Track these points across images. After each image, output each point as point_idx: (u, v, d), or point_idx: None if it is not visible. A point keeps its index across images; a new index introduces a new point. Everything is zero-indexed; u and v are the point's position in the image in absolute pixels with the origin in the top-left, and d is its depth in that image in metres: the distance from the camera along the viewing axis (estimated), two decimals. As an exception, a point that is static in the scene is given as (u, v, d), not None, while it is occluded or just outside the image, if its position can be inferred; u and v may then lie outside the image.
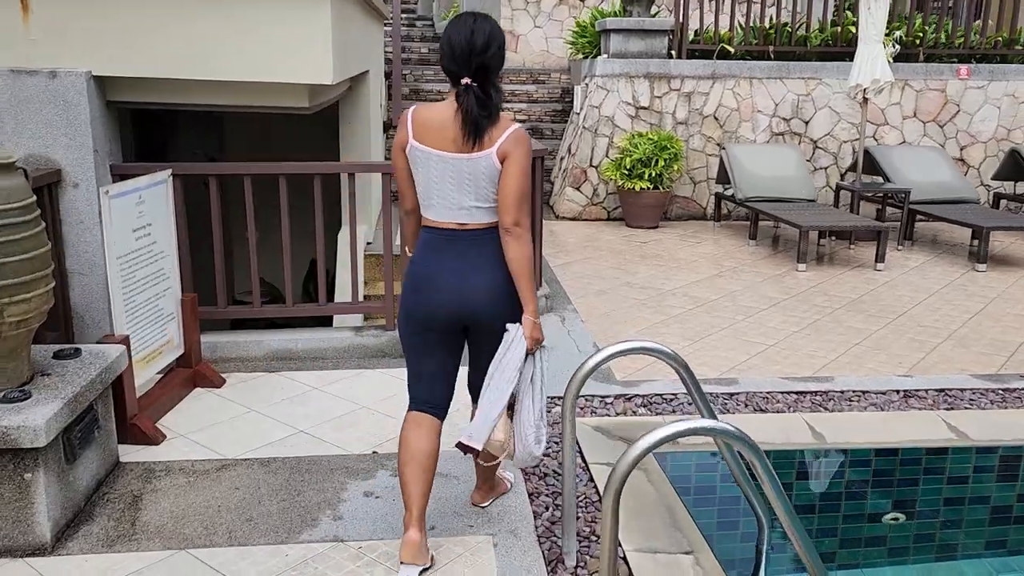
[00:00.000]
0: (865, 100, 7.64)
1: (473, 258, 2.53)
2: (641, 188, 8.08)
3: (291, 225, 4.50)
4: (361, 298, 5.44)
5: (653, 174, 8.04)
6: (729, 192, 8.09)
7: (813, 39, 9.00)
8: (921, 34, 9.04)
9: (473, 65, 2.42)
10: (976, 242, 7.67)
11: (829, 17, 9.15)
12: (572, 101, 10.98)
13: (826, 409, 3.97)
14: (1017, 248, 7.64)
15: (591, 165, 8.81)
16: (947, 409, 3.99)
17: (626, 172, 8.19)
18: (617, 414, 3.88)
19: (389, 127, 9.76)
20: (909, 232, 7.41)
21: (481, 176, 2.47)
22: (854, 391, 4.16)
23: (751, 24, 9.05)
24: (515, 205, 2.46)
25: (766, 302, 5.73)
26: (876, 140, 9.04)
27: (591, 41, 9.63)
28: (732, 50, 8.87)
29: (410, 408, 2.70)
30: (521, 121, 10.63)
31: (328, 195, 4.69)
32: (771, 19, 9.12)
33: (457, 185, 2.48)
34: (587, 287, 6.04)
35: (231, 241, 7.30)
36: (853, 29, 8.87)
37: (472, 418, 2.66)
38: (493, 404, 2.50)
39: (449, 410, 2.76)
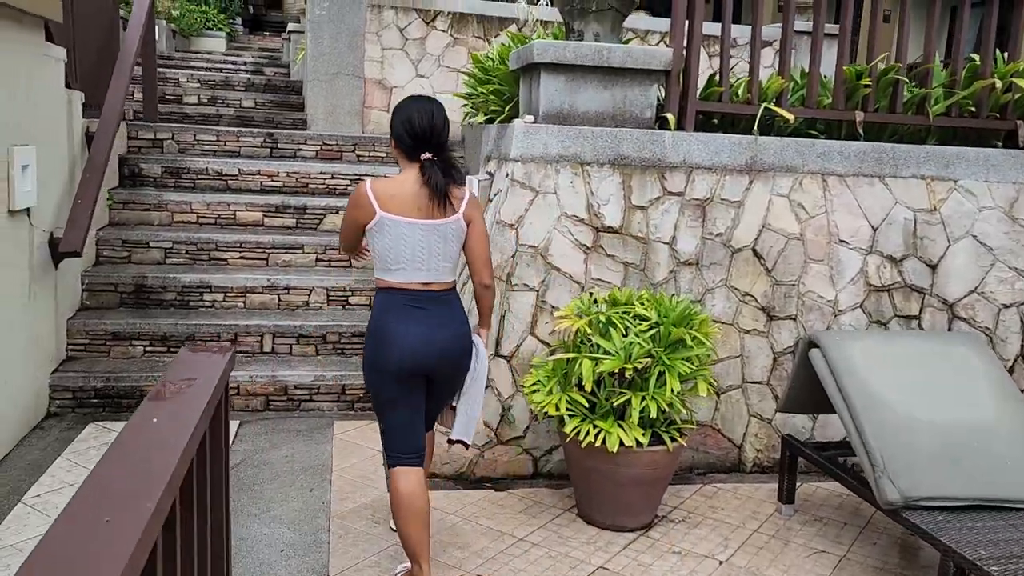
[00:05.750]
0: None
1: (438, 315, 2.81)
2: (622, 444, 3.23)
3: None
4: None
5: (649, 405, 3.24)
6: (818, 441, 3.36)
7: (935, 102, 4.52)
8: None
9: (433, 142, 2.79)
10: None
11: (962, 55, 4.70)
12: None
13: None
14: None
15: (498, 355, 3.96)
16: None
17: (580, 392, 3.37)
18: None
19: None
20: None
21: (451, 239, 2.82)
22: None
23: (821, 74, 4.50)
24: (487, 264, 2.92)
25: None
26: (1058, 303, 4.54)
27: (501, 90, 4.93)
28: (790, 118, 4.29)
29: (396, 464, 2.83)
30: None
31: None
32: (858, 58, 4.64)
33: (427, 249, 2.78)
34: None
35: None
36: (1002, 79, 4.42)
37: (448, 420, 3.05)
38: (475, 404, 2.99)
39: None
